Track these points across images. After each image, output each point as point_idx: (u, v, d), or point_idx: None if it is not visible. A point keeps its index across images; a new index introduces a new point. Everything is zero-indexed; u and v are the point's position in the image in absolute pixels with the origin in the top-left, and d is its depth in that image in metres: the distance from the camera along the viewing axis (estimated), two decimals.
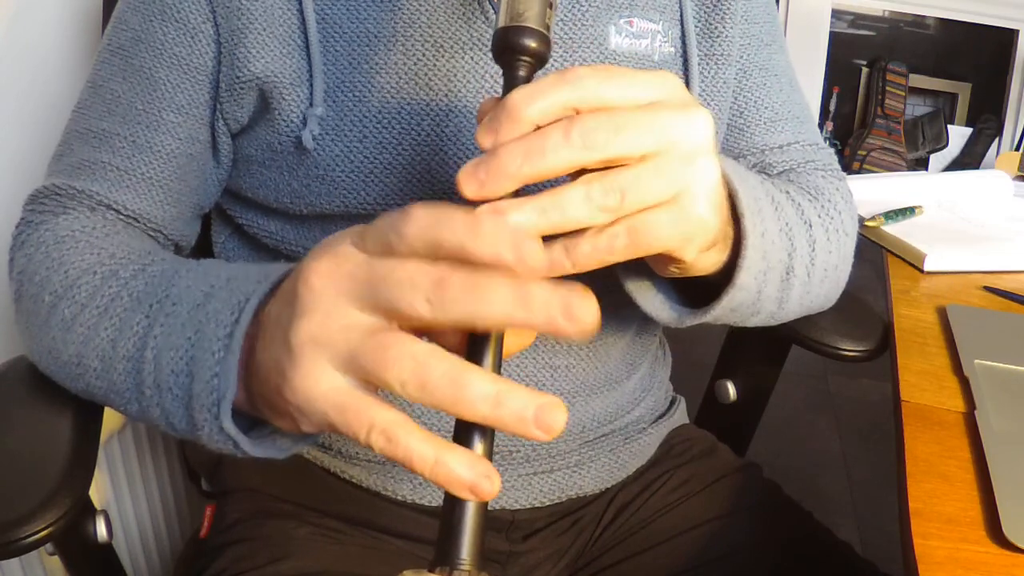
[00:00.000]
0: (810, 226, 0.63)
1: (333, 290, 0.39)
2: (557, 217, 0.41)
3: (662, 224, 0.44)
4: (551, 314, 0.36)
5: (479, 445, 0.40)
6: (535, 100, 0.42)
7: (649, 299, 0.58)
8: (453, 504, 0.39)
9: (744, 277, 0.54)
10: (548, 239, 0.44)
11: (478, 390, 0.37)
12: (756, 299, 0.58)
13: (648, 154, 0.42)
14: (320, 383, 0.39)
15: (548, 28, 0.46)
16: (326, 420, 0.39)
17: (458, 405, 0.37)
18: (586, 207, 0.42)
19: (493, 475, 0.37)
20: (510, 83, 0.46)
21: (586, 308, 0.36)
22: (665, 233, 0.44)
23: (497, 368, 0.40)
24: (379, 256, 0.39)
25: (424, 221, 0.37)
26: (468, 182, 0.41)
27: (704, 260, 0.51)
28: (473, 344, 0.41)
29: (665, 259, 0.50)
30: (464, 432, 0.40)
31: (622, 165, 0.42)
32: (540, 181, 0.41)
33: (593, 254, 0.44)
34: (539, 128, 0.42)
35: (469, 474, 0.37)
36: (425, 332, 0.40)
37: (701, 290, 0.57)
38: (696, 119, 0.43)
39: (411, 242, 0.38)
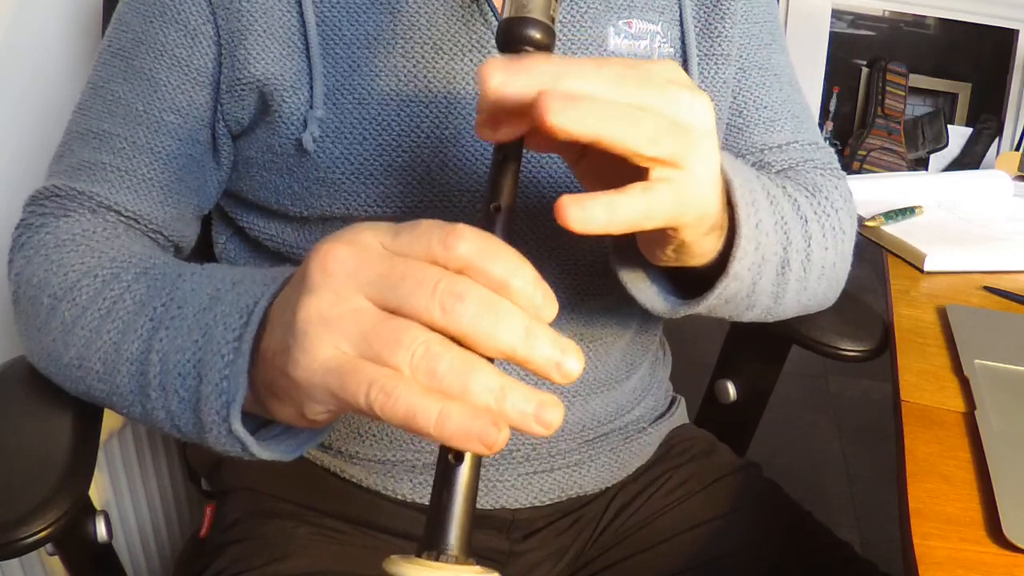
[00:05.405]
0: (806, 221, 0.63)
1: (346, 275, 0.40)
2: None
3: (665, 196, 0.44)
4: (550, 360, 0.38)
5: None
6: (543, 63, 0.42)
7: (643, 289, 0.58)
8: (442, 491, 0.39)
9: (737, 267, 0.54)
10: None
11: (485, 382, 0.38)
12: (751, 291, 0.58)
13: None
14: (321, 353, 0.40)
15: (553, 20, 0.46)
16: (327, 388, 0.40)
17: (465, 395, 0.37)
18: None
19: (500, 422, 0.37)
20: None
21: (575, 358, 0.39)
22: (668, 206, 0.44)
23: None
24: (401, 256, 0.40)
25: (477, 244, 0.39)
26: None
27: (700, 246, 0.51)
28: None
29: (662, 241, 0.50)
30: None
31: None
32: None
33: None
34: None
35: (476, 423, 0.37)
36: None
37: (696, 284, 0.57)
38: (700, 99, 0.44)
39: (457, 260, 0.39)
